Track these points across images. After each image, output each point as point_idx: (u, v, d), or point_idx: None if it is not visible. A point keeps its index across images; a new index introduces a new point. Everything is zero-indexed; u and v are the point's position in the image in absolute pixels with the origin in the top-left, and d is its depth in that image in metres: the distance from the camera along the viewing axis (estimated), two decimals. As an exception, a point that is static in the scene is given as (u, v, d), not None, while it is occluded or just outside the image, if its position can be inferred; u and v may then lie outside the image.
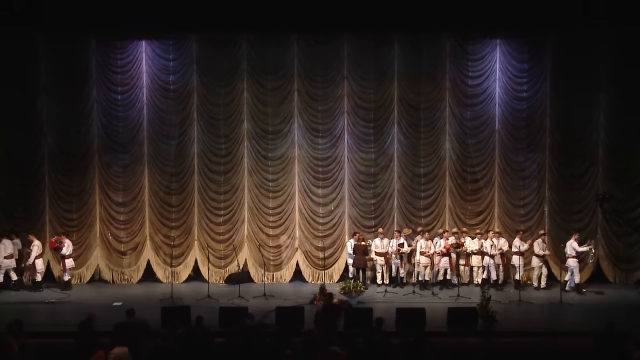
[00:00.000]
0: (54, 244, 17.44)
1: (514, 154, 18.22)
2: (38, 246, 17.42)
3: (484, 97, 18.16)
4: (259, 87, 18.19)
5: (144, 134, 18.22)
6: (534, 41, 17.92)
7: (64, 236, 17.57)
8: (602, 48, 17.64)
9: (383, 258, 17.62)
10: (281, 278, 18.41)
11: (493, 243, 17.46)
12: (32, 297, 16.72)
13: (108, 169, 18.26)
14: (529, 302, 16.10)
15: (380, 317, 12.44)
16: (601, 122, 17.93)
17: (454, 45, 18.04)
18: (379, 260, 17.66)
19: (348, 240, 17.96)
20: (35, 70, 17.83)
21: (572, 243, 17.01)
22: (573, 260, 16.98)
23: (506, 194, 18.23)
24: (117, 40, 18.05)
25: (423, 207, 18.33)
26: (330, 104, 18.21)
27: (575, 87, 17.76)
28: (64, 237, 17.56)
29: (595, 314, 15.09)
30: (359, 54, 18.06)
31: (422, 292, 17.02)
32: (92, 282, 18.34)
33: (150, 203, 18.29)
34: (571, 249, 16.98)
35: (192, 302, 15.45)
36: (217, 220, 18.33)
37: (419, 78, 18.11)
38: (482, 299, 14.37)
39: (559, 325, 14.51)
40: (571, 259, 16.99)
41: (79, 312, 15.24)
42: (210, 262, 17.66)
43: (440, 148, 18.24)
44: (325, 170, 18.36)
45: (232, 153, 18.30)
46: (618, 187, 17.78)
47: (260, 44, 18.05)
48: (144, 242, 18.32)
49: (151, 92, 18.17)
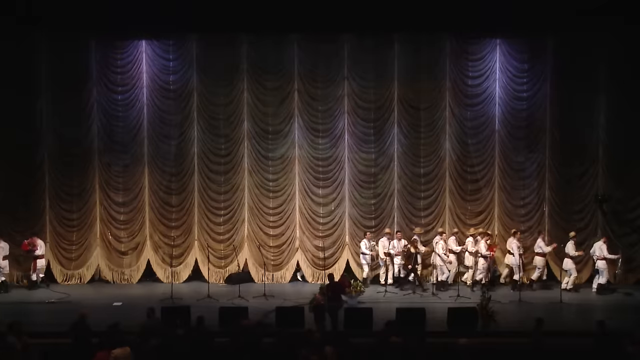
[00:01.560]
0: (27, 247, 17.22)
1: (514, 154, 18.21)
2: (2, 247, 17.23)
3: (484, 97, 18.15)
4: (259, 87, 18.19)
5: (144, 134, 18.22)
6: (534, 41, 17.91)
7: (36, 238, 17.40)
8: (602, 48, 17.62)
9: (396, 258, 17.56)
10: (281, 278, 18.42)
11: None
12: (32, 297, 16.70)
13: (108, 169, 18.26)
14: (529, 302, 16.12)
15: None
16: (601, 122, 17.92)
17: (454, 45, 18.03)
18: (387, 260, 17.61)
19: (362, 240, 17.83)
20: (35, 70, 17.83)
21: (601, 245, 16.98)
22: (602, 262, 16.94)
23: (506, 194, 18.23)
24: (117, 40, 18.04)
25: (423, 207, 18.33)
26: (330, 104, 18.21)
27: (575, 87, 17.74)
28: (37, 238, 17.41)
29: (595, 314, 15.10)
30: (359, 54, 18.06)
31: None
32: (93, 282, 18.34)
33: (150, 203, 18.29)
34: (600, 251, 16.95)
35: (192, 302, 15.46)
36: (217, 220, 18.34)
37: (419, 78, 18.10)
38: (482, 299, 14.39)
39: (559, 325, 14.51)
40: (600, 261, 16.95)
41: (78, 312, 15.32)
42: (210, 262, 17.66)
43: (440, 148, 18.24)
44: (326, 170, 18.36)
45: (232, 153, 18.30)
46: (618, 187, 17.80)
47: (260, 44, 18.05)
48: (144, 242, 18.32)
49: (151, 92, 18.17)
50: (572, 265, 17.03)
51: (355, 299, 15.95)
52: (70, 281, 18.17)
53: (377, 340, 11.33)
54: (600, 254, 16.94)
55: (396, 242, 17.57)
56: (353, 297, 15.92)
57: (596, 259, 17.06)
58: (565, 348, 12.04)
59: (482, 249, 17.16)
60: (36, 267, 17.38)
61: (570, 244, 17.03)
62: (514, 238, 17.28)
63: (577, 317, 15.39)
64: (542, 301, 16.32)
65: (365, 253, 17.73)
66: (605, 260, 16.93)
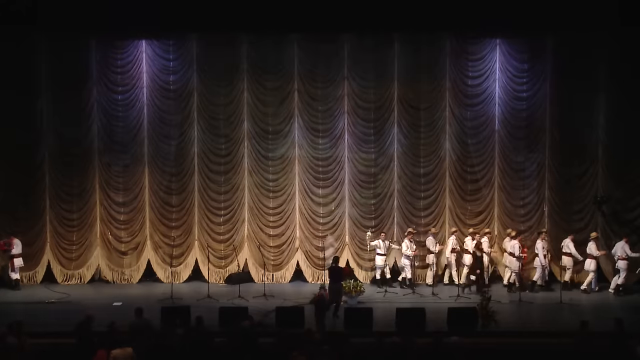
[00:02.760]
0: (3, 247, 17.20)
1: (514, 154, 18.21)
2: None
3: (484, 97, 18.15)
4: (259, 87, 18.19)
5: (144, 134, 18.23)
6: (534, 41, 17.91)
7: (13, 237, 17.33)
8: (602, 48, 17.62)
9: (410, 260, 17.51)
10: (281, 278, 18.42)
11: None
12: (32, 297, 16.70)
13: (108, 169, 18.26)
14: (529, 302, 16.12)
15: None
16: (601, 122, 17.91)
17: (454, 45, 18.03)
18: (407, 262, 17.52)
19: (375, 240, 17.70)
20: (35, 70, 17.83)
21: (623, 245, 16.96)
22: (623, 262, 16.93)
23: (506, 194, 18.23)
24: (117, 40, 18.05)
25: (423, 207, 18.33)
26: (330, 104, 18.21)
27: (575, 87, 17.73)
28: (13, 237, 17.33)
29: (595, 314, 15.10)
30: (359, 53, 18.06)
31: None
32: (93, 282, 18.34)
33: (150, 203, 18.30)
34: (622, 251, 16.93)
35: (192, 302, 15.47)
36: (217, 220, 18.34)
37: (419, 78, 18.10)
38: (482, 299, 14.41)
39: (559, 325, 14.51)
40: (621, 261, 16.94)
41: (78, 312, 15.31)
42: (210, 262, 17.67)
43: (440, 148, 18.24)
44: (326, 170, 18.36)
45: (232, 153, 18.30)
46: (618, 187, 17.80)
47: (260, 44, 18.05)
48: (144, 242, 18.32)
49: (151, 92, 18.18)
50: (625, 265, 16.93)
51: (355, 299, 15.95)
52: (70, 281, 18.17)
53: None
54: (622, 253, 16.91)
55: (452, 241, 17.49)
56: (353, 297, 15.93)
57: (617, 258, 17.02)
58: (565, 348, 12.03)
59: (517, 250, 17.01)
60: (14, 266, 17.28)
61: (625, 245, 16.99)
62: (540, 239, 17.23)
63: (577, 317, 15.32)
64: (542, 301, 16.34)
65: (407, 255, 17.48)
66: (627, 260, 16.89)
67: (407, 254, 17.40)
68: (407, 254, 17.39)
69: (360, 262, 18.30)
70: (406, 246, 17.42)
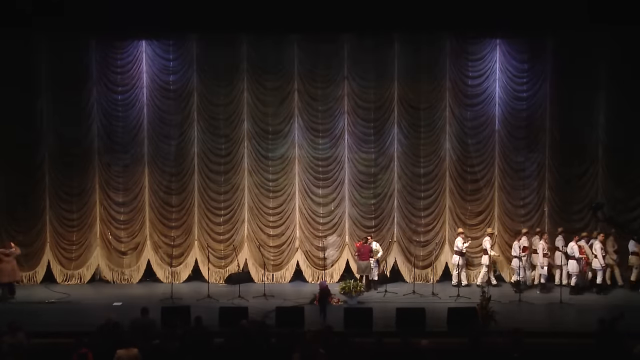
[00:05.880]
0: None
1: (514, 154, 18.21)
2: None
3: (484, 97, 18.15)
4: (259, 87, 18.19)
5: (144, 134, 18.23)
6: (534, 41, 17.92)
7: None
8: (602, 48, 17.63)
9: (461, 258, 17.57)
10: (281, 278, 18.42)
11: None
12: (32, 297, 16.70)
13: (108, 169, 18.26)
14: (529, 302, 16.12)
15: None
16: (601, 122, 17.93)
17: (454, 45, 18.03)
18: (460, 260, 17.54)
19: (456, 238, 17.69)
20: (35, 70, 17.83)
21: (635, 242, 17.01)
22: (636, 257, 16.99)
23: (506, 194, 18.23)
24: (117, 40, 18.06)
25: (423, 207, 18.33)
26: (330, 104, 18.21)
27: (575, 87, 17.74)
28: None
29: (595, 314, 15.06)
30: (359, 54, 18.06)
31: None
32: (93, 282, 18.35)
33: (150, 203, 18.30)
34: (633, 247, 16.96)
35: (192, 302, 15.47)
36: (217, 220, 18.34)
37: (419, 78, 18.10)
38: (482, 299, 14.39)
39: (559, 325, 14.50)
40: (633, 256, 17.01)
41: (78, 312, 15.34)
42: (210, 262, 17.67)
43: (440, 148, 18.24)
44: (326, 170, 18.36)
45: (232, 153, 18.30)
46: (618, 187, 17.81)
47: (260, 44, 18.05)
48: (144, 242, 18.32)
49: (151, 92, 18.18)
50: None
51: (355, 299, 15.96)
52: (70, 281, 18.17)
53: None
54: (632, 249, 16.97)
55: (542, 242, 17.21)
56: (353, 297, 15.93)
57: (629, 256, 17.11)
58: (565, 348, 12.03)
59: (576, 252, 16.84)
60: None
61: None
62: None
63: (577, 317, 15.35)
64: (542, 301, 16.33)
65: (462, 253, 17.45)
66: (639, 255, 16.96)
67: (462, 252, 17.43)
68: (463, 251, 17.44)
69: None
70: (461, 243, 17.43)
